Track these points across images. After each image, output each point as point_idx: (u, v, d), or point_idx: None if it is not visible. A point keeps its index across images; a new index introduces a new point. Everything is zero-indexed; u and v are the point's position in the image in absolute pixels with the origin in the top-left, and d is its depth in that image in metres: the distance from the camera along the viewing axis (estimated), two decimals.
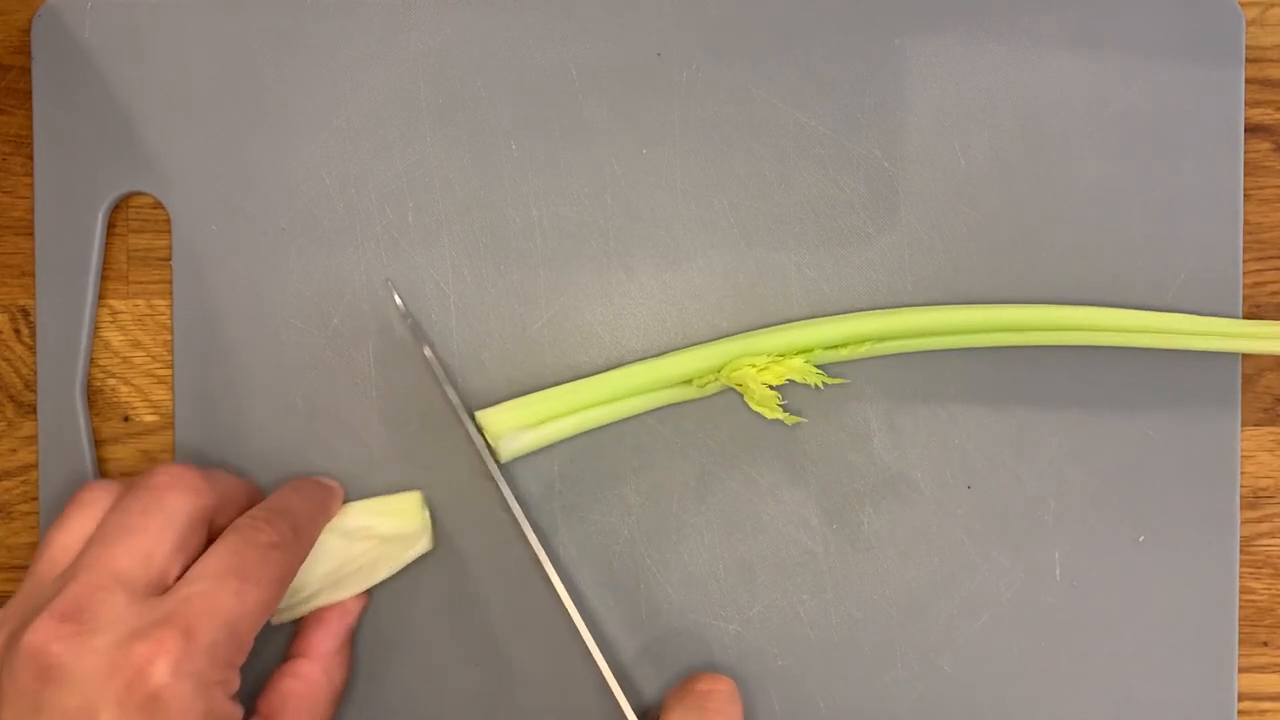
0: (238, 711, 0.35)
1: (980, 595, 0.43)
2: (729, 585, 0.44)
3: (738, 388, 0.42)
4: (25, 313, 0.45)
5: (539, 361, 0.44)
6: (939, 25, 0.44)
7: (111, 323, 0.45)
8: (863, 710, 0.43)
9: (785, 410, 0.42)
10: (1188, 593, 0.43)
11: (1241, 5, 0.44)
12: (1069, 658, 0.43)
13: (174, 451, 0.44)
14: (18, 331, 0.45)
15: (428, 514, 0.43)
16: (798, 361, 0.41)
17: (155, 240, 0.45)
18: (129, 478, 0.38)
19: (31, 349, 0.45)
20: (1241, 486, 0.44)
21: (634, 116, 0.44)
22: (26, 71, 0.45)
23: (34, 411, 0.45)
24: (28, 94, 0.45)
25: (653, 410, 0.43)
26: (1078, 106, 0.44)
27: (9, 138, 0.45)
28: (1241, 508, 0.44)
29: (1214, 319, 0.42)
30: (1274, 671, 0.45)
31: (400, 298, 0.43)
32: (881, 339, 0.42)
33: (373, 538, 0.42)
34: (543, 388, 0.43)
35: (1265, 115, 0.45)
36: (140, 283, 0.45)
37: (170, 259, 0.45)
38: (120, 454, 0.45)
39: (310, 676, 0.40)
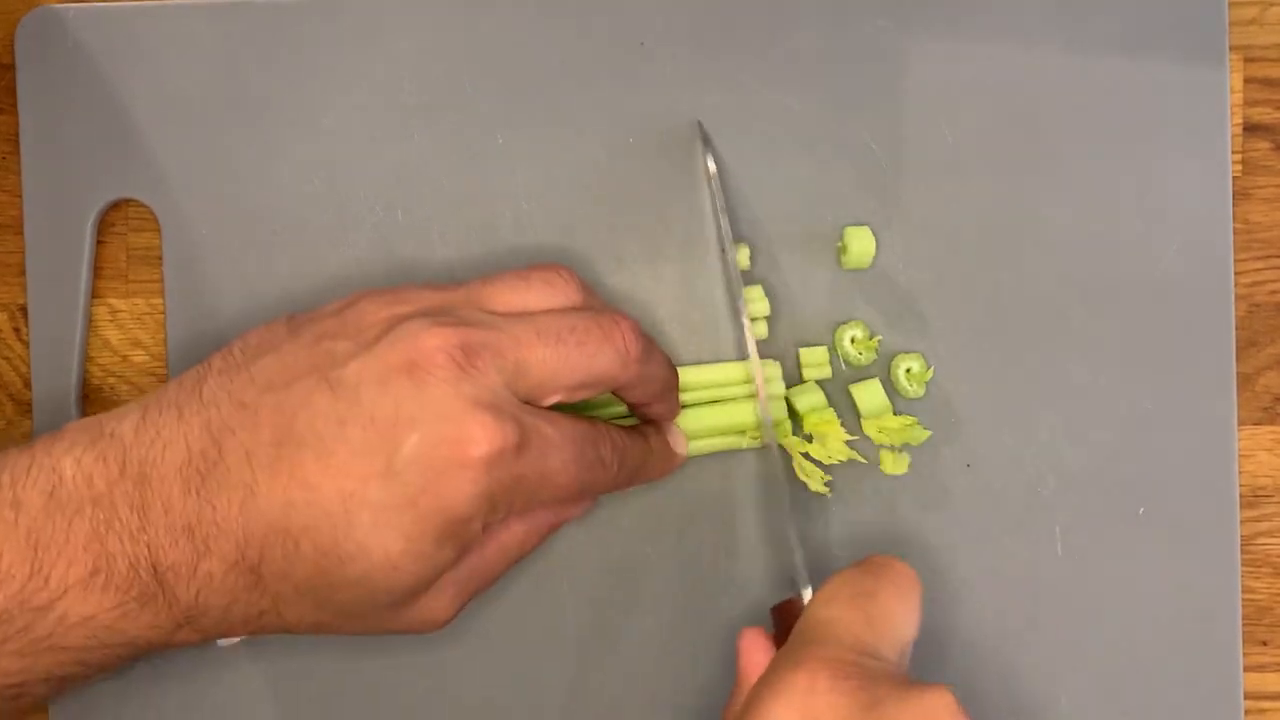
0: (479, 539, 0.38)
1: (981, 596, 0.43)
2: (723, 568, 0.44)
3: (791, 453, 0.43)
4: (25, 311, 0.45)
5: None
6: (925, 11, 0.44)
7: (111, 321, 0.45)
8: None
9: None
10: (1188, 593, 0.43)
11: (1241, 5, 0.44)
12: (1070, 660, 0.43)
13: None
14: (17, 330, 0.45)
15: None
16: (837, 444, 0.42)
17: (154, 239, 0.45)
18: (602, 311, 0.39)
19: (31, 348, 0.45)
20: (1241, 486, 0.44)
21: (620, 106, 0.44)
22: None
23: (33, 410, 0.45)
24: None
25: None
26: (1067, 93, 0.44)
27: (7, 137, 0.45)
28: (1241, 507, 0.44)
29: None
30: (1274, 671, 0.45)
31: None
32: None
33: None
34: None
35: (1265, 115, 0.45)
36: (140, 281, 0.45)
37: None
38: None
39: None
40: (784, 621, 0.39)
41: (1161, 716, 0.43)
